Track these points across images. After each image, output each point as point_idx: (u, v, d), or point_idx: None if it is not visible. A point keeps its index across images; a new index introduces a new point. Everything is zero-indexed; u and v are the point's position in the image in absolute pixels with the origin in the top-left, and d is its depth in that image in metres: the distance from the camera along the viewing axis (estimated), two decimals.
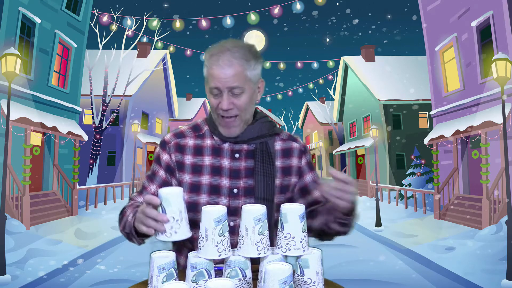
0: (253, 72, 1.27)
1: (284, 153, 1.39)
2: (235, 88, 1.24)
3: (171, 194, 1.04)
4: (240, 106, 1.26)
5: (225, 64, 1.22)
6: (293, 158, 1.39)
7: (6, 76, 6.97)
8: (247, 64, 1.25)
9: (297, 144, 1.42)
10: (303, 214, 1.07)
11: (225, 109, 1.25)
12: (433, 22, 13.06)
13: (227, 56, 1.23)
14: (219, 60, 1.23)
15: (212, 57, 1.25)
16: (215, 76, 1.23)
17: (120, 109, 18.89)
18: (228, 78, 1.22)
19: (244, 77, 1.24)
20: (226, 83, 1.23)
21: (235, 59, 1.23)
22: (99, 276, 6.01)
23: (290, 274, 0.94)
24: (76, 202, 11.59)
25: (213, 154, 1.34)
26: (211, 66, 1.24)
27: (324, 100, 35.54)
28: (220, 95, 1.25)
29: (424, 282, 5.89)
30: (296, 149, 1.41)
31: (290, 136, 1.43)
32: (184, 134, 1.38)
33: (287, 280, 0.92)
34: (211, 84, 1.25)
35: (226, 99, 1.24)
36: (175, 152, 1.34)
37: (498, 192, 9.04)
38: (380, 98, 20.18)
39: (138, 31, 17.73)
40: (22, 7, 10.02)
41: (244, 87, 1.25)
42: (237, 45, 1.26)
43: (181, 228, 1.03)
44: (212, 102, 1.28)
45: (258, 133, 1.34)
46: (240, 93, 1.25)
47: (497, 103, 9.18)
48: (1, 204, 5.85)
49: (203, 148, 1.35)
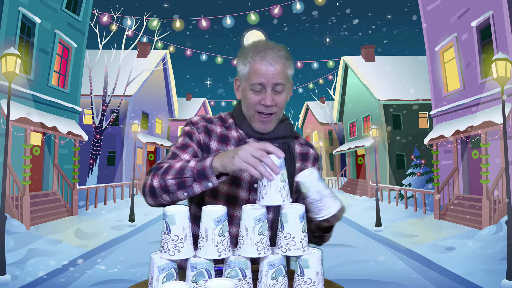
0: (291, 72, 1.32)
1: (302, 157, 1.44)
2: (278, 85, 1.26)
3: (177, 213, 1.04)
4: (280, 103, 1.29)
5: (272, 61, 1.25)
6: (308, 163, 1.44)
7: (6, 76, 6.97)
8: (288, 63, 1.29)
9: (313, 150, 1.48)
10: (303, 214, 1.07)
11: (268, 105, 1.27)
12: (433, 22, 13.07)
13: (273, 53, 1.25)
14: (266, 56, 1.25)
15: (257, 53, 1.26)
16: (261, 72, 1.25)
17: (120, 109, 18.89)
18: (274, 74, 1.25)
19: (286, 75, 1.28)
20: (272, 79, 1.25)
21: (280, 58, 1.26)
22: (99, 276, 6.01)
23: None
24: (76, 202, 11.59)
25: (237, 145, 1.35)
26: (256, 62, 1.25)
27: (324, 100, 35.53)
28: (263, 91, 1.27)
29: (424, 282, 5.89)
30: (312, 155, 1.46)
31: (307, 142, 1.48)
32: (212, 121, 1.39)
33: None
34: (255, 80, 1.26)
35: (270, 96, 1.26)
36: (203, 133, 1.35)
37: (498, 192, 9.04)
38: (380, 98, 20.18)
39: (138, 31, 17.74)
40: (22, 7, 10.02)
41: (285, 84, 1.29)
42: (277, 44, 1.30)
43: (184, 247, 1.03)
44: (252, 99, 1.28)
45: (283, 133, 1.37)
46: (281, 90, 1.28)
47: (497, 103, 9.19)
48: (1, 204, 5.85)
49: (228, 138, 1.37)
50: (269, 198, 1.05)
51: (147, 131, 22.73)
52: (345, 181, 25.84)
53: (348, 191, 22.94)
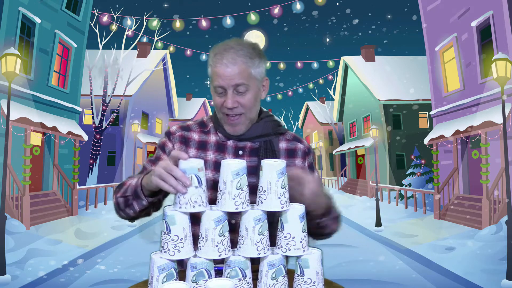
0: (257, 70, 1.27)
1: (288, 153, 1.37)
2: (239, 85, 1.23)
3: (177, 213, 1.04)
4: (245, 104, 1.25)
5: (229, 62, 1.21)
6: (297, 159, 1.38)
7: (6, 76, 6.97)
8: (251, 61, 1.24)
9: (301, 145, 1.40)
10: (303, 214, 1.07)
11: (230, 108, 1.24)
12: (433, 22, 13.06)
13: (231, 54, 1.22)
14: (223, 58, 1.22)
15: (216, 56, 1.24)
16: (220, 75, 1.23)
17: (120, 109, 18.88)
18: (233, 76, 1.21)
19: (248, 75, 1.24)
20: (231, 81, 1.22)
21: (239, 57, 1.22)
22: (99, 276, 6.01)
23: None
24: (76, 202, 11.59)
25: (217, 150, 1.34)
26: (215, 65, 1.24)
27: (324, 100, 35.53)
28: (225, 93, 1.25)
29: (424, 282, 5.89)
30: (300, 150, 1.39)
31: (294, 137, 1.42)
32: (190, 128, 1.39)
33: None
34: (215, 82, 1.25)
35: (231, 98, 1.23)
36: (179, 143, 1.35)
37: (498, 192, 9.04)
38: (380, 98, 20.18)
39: (138, 31, 17.73)
40: (22, 7, 10.02)
41: (248, 84, 1.24)
42: (240, 43, 1.26)
43: (184, 247, 1.03)
44: (217, 101, 1.28)
45: (263, 131, 1.33)
46: (244, 91, 1.24)
47: (497, 103, 9.18)
48: (1, 204, 5.85)
49: (207, 143, 1.35)
50: (268, 203, 1.06)
51: (147, 131, 22.73)
52: (345, 181, 25.84)
53: (348, 191, 22.94)
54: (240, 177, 1.05)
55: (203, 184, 1.05)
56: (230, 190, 1.04)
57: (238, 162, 1.06)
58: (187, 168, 1.03)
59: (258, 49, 1.28)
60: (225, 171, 1.06)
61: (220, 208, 1.05)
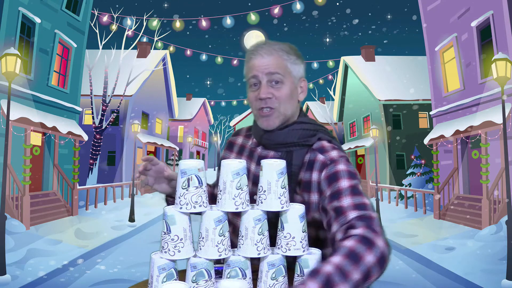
0: (295, 66, 1.23)
1: (308, 165, 1.20)
2: (274, 74, 1.18)
3: (177, 213, 1.04)
4: (279, 96, 1.19)
5: (265, 53, 1.20)
6: (314, 172, 1.18)
7: (6, 76, 6.96)
8: (287, 56, 1.21)
9: (322, 156, 1.18)
10: (303, 214, 1.07)
11: (263, 98, 1.18)
12: (433, 22, 13.07)
13: (267, 47, 1.21)
14: (258, 50, 1.21)
15: (251, 51, 1.23)
16: (255, 65, 1.20)
17: (120, 109, 18.88)
18: (268, 65, 1.18)
19: (284, 67, 1.20)
20: (265, 69, 1.18)
21: (275, 50, 1.21)
22: (99, 276, 6.01)
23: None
24: (76, 202, 11.59)
25: (248, 156, 1.33)
26: (250, 57, 1.22)
27: (324, 100, 35.54)
28: (259, 85, 1.20)
29: (424, 282, 5.89)
30: (319, 161, 1.18)
31: (320, 147, 1.21)
32: (239, 132, 1.42)
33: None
34: (249, 74, 1.21)
35: (265, 88, 1.19)
36: (226, 149, 1.41)
37: (498, 192, 9.04)
38: (380, 98, 20.18)
39: (138, 31, 17.73)
40: (22, 7, 10.02)
41: (284, 76, 1.19)
42: (276, 42, 1.25)
43: (184, 247, 1.03)
44: (250, 96, 1.23)
45: (285, 139, 1.22)
46: (279, 81, 1.19)
47: (497, 103, 9.19)
48: (1, 204, 5.85)
49: (244, 148, 1.36)
50: (268, 203, 1.06)
51: (147, 131, 22.73)
52: None
53: None
54: (240, 177, 1.05)
55: (203, 184, 1.05)
56: (230, 190, 1.04)
57: (238, 162, 1.06)
58: (187, 169, 1.03)
59: (295, 48, 1.26)
60: (225, 171, 1.06)
61: (220, 208, 1.05)
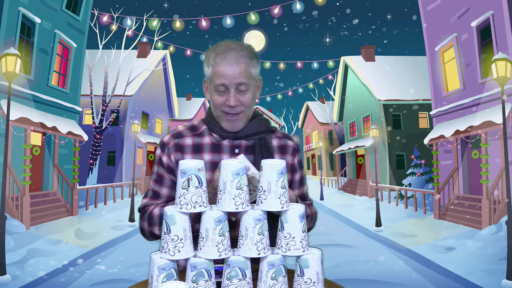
0: (256, 70, 1.33)
1: (280, 149, 1.44)
2: (241, 84, 1.27)
3: (177, 213, 1.04)
4: (245, 102, 1.30)
5: (233, 62, 1.26)
6: (288, 155, 1.44)
7: (6, 76, 6.96)
8: (251, 62, 1.29)
9: (291, 142, 1.47)
10: (303, 214, 1.08)
11: (232, 106, 1.28)
12: (433, 22, 13.06)
13: (234, 54, 1.26)
14: (226, 58, 1.26)
15: (218, 55, 1.27)
16: (223, 73, 1.26)
17: (120, 109, 18.88)
18: (236, 75, 1.26)
19: (249, 75, 1.29)
20: (234, 80, 1.26)
21: (241, 58, 1.27)
22: (99, 276, 6.00)
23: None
24: (76, 202, 11.59)
25: (212, 150, 1.36)
26: (217, 64, 1.27)
27: (324, 100, 35.56)
28: (226, 92, 1.29)
29: (424, 282, 5.89)
30: (291, 147, 1.46)
31: (284, 135, 1.49)
32: (182, 134, 1.40)
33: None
34: (217, 81, 1.28)
35: (233, 96, 1.28)
36: (174, 152, 1.36)
37: (498, 192, 9.04)
38: (380, 98, 20.17)
39: (138, 31, 17.74)
40: (22, 7, 10.02)
41: (249, 84, 1.29)
42: (240, 44, 1.31)
43: (184, 247, 1.04)
44: (217, 100, 1.30)
45: (257, 129, 1.37)
46: (245, 90, 1.29)
47: (497, 103, 9.19)
48: (1, 204, 5.85)
49: (202, 145, 1.37)
50: (268, 203, 1.06)
51: (147, 131, 22.73)
52: (345, 181, 25.83)
53: (348, 191, 22.94)
54: (240, 177, 1.05)
55: (203, 184, 1.05)
56: (230, 190, 1.04)
57: (238, 162, 1.06)
58: (187, 169, 1.04)
59: (254, 50, 1.34)
60: (225, 171, 1.06)
61: (220, 208, 1.05)
